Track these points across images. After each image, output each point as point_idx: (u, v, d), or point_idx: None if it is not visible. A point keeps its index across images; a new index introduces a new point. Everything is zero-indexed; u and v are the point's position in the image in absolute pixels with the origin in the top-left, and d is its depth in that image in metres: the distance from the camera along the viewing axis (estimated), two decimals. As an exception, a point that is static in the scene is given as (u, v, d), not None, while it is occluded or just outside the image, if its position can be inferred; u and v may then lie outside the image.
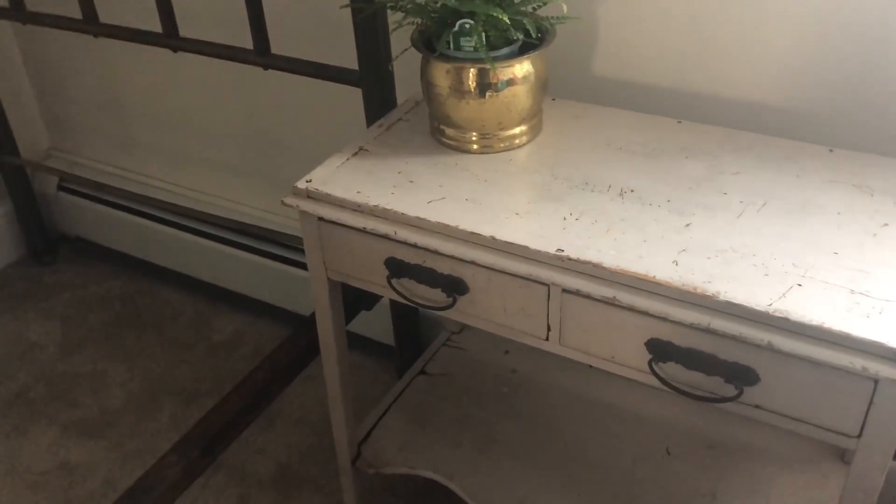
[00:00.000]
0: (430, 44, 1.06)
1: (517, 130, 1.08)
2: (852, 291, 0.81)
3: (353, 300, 1.47)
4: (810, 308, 0.79)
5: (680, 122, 1.12)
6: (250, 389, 1.30)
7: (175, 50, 1.45)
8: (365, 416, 1.39)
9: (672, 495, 1.20)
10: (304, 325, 1.41)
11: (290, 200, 1.04)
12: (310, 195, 1.03)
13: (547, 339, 0.95)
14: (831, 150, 1.04)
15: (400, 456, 1.30)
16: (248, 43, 1.35)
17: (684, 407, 1.33)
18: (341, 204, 1.01)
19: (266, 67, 1.37)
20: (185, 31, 1.43)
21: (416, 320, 1.62)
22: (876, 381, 0.77)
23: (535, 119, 1.10)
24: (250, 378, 1.32)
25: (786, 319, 0.78)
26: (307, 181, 1.04)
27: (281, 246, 1.76)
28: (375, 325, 1.67)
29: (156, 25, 1.43)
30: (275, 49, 1.35)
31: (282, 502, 1.46)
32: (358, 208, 1.00)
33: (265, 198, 1.78)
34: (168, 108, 1.82)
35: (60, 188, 2.07)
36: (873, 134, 1.09)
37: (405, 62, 1.15)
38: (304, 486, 1.49)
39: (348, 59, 1.28)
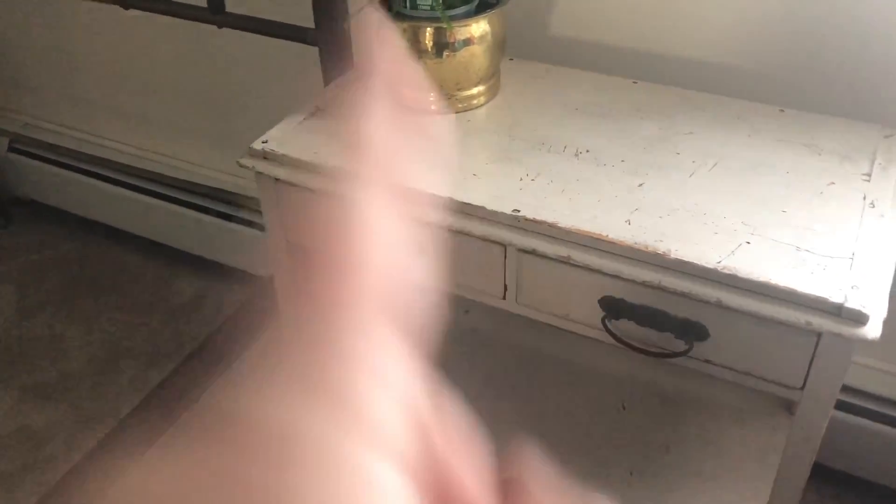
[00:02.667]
0: (387, 2, 1.05)
1: (475, 91, 1.08)
2: (798, 248, 0.83)
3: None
4: (758, 265, 0.81)
5: (635, 82, 1.13)
6: (210, 352, 1.30)
7: (126, 7, 1.41)
8: (326, 377, 1.39)
9: (628, 448, 1.24)
10: (265, 288, 1.41)
11: (246, 162, 1.03)
12: (266, 156, 1.02)
13: (504, 297, 0.97)
14: (782, 111, 1.05)
15: (361, 415, 1.31)
16: (202, 0, 1.32)
17: (639, 363, 1.35)
18: (298, 165, 1.01)
19: (220, 26, 1.34)
20: (136, -13, 1.39)
21: (377, 281, 1.63)
22: (819, 335, 0.79)
23: (492, 79, 1.10)
24: (210, 341, 1.32)
25: (734, 276, 0.80)
26: (263, 142, 1.03)
27: (240, 207, 1.75)
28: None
29: (106, -18, 1.39)
30: (230, 7, 1.32)
31: (245, 462, 1.47)
32: (316, 170, 1.00)
33: (222, 158, 1.76)
34: (122, 67, 1.78)
35: (11, 149, 2.02)
36: (823, 94, 1.11)
37: (362, 21, 1.13)
38: (266, 445, 1.50)
39: (306, 17, 1.26)
